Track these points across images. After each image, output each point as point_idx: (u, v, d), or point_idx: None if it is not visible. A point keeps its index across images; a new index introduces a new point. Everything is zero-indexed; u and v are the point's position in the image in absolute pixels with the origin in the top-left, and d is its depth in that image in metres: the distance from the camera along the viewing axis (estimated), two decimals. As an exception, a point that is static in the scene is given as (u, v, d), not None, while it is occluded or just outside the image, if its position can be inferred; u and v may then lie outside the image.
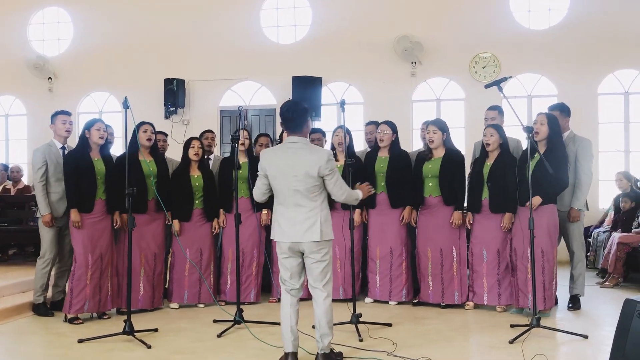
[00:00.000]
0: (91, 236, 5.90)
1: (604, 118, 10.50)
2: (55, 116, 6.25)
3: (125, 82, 11.30)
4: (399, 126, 6.83)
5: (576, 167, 6.16)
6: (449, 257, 6.36)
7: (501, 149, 6.17)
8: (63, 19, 12.27)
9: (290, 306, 4.40)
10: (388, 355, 4.68)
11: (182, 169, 6.60)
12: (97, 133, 5.95)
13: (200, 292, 6.59)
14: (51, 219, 6.04)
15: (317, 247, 4.32)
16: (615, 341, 3.73)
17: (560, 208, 6.09)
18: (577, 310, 6.29)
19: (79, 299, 5.85)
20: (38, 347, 5.30)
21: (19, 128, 12.42)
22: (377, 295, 6.64)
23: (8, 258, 9.11)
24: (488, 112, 6.71)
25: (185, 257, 6.45)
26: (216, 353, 4.89)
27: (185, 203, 6.49)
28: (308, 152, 4.35)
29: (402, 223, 6.56)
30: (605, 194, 10.27)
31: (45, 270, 6.15)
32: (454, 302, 6.37)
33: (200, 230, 6.58)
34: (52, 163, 6.07)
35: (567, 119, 6.40)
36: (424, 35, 10.68)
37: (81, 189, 5.87)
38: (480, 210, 6.21)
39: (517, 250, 5.95)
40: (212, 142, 7.41)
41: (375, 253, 6.63)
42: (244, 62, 11.27)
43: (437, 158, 6.36)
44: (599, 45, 10.27)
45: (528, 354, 4.56)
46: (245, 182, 6.55)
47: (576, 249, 6.34)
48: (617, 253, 7.77)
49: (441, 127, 6.37)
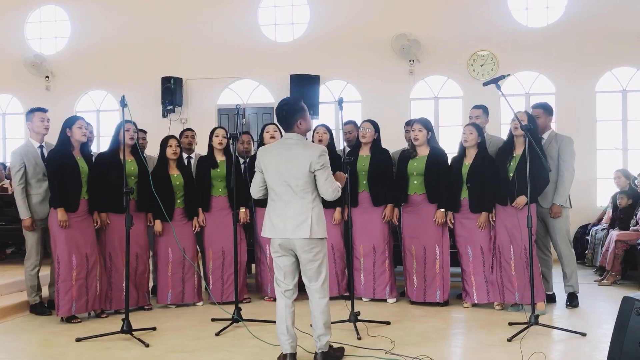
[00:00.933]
0: (75, 236, 5.82)
1: (602, 116, 10.51)
2: (32, 113, 6.12)
3: (122, 80, 11.29)
4: (396, 124, 6.86)
5: (558, 164, 6.23)
6: (432, 255, 6.39)
7: (478, 148, 6.22)
8: (60, 17, 12.24)
9: (286, 308, 4.37)
10: (386, 353, 4.67)
11: (161, 168, 6.49)
12: (79, 131, 5.84)
13: (184, 292, 6.56)
14: (32, 223, 5.98)
15: (309, 245, 4.29)
16: (614, 339, 3.73)
17: (543, 205, 6.21)
18: (575, 307, 6.30)
19: (65, 301, 5.77)
20: (36, 346, 5.28)
21: (16, 127, 12.40)
22: (361, 292, 6.64)
23: (5, 257, 9.11)
24: (472, 111, 6.73)
25: (169, 257, 6.46)
26: (214, 351, 4.88)
27: (167, 203, 6.33)
28: (302, 147, 4.34)
29: (384, 221, 6.58)
30: (604, 191, 10.27)
31: (33, 272, 6.11)
32: (435, 300, 6.39)
33: (182, 229, 6.48)
34: (30, 164, 5.98)
35: (550, 118, 6.50)
36: (422, 33, 10.68)
37: (66, 188, 5.76)
38: (460, 209, 6.26)
39: (501, 248, 6.07)
40: (192, 140, 7.35)
41: (359, 251, 6.64)
42: (242, 61, 11.26)
43: (422, 156, 6.39)
44: (596, 42, 10.27)
45: (526, 351, 4.56)
46: (222, 180, 6.53)
47: (563, 247, 6.36)
48: (615, 251, 7.77)
49: (426, 126, 6.41)
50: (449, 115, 10.99)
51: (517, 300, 6.01)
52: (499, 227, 6.09)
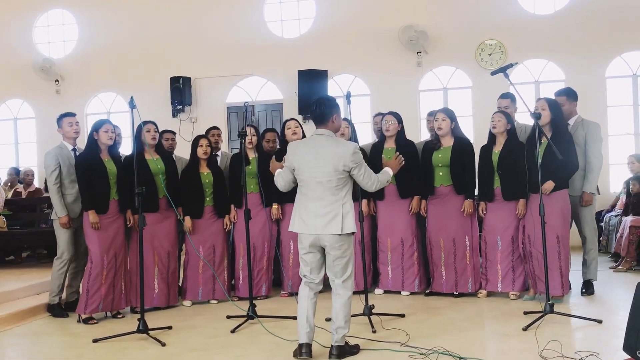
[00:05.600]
0: (107, 237, 5.94)
1: (612, 101, 10.42)
2: (61, 119, 6.29)
3: (131, 82, 11.33)
4: (406, 117, 6.81)
5: (586, 151, 6.14)
6: (462, 246, 6.35)
7: (508, 135, 6.14)
8: (68, 21, 12.32)
9: (308, 298, 4.43)
10: (402, 346, 4.68)
11: (192, 167, 6.62)
12: (106, 135, 5.97)
13: (214, 288, 6.62)
14: (68, 220, 6.08)
15: (339, 241, 4.33)
16: (630, 325, 3.71)
17: (571, 193, 6.07)
18: (591, 295, 6.27)
19: (94, 299, 5.89)
20: (54, 348, 5.33)
21: (27, 131, 12.49)
22: (389, 286, 6.63)
23: (21, 261, 9.18)
24: (501, 101, 6.55)
25: (198, 255, 6.49)
26: (230, 349, 4.90)
27: (197, 200, 6.52)
28: (334, 144, 4.39)
29: (411, 213, 6.55)
30: (616, 177, 10.21)
31: (62, 271, 6.19)
32: (467, 290, 6.36)
33: (212, 227, 6.61)
34: (64, 165, 6.11)
35: (575, 103, 6.36)
36: (429, 24, 10.63)
37: (95, 191, 5.89)
38: (494, 198, 6.19)
39: (531, 237, 5.94)
40: (218, 138, 7.42)
41: (386, 244, 6.62)
42: (249, 58, 11.27)
43: (446, 147, 6.33)
44: (605, 28, 10.18)
45: (542, 340, 4.54)
46: (254, 177, 6.56)
47: (588, 233, 6.31)
48: (629, 237, 7.73)
49: (450, 115, 6.35)
50: (458, 106, 10.91)
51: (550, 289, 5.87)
52: (528, 216, 5.96)
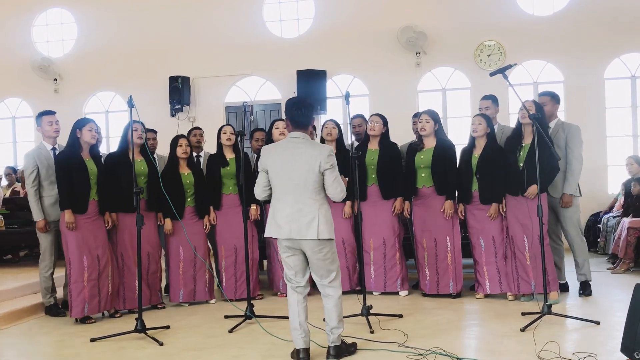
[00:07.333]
0: (86, 237, 5.84)
1: (611, 103, 10.44)
2: (40, 118, 6.14)
3: (130, 81, 11.34)
4: (404, 117, 6.85)
5: (567, 153, 6.21)
6: (443, 247, 6.38)
7: (487, 138, 6.18)
8: (66, 20, 12.32)
9: (298, 303, 4.38)
10: (399, 346, 4.67)
11: (171, 167, 6.51)
12: (89, 134, 5.87)
13: (196, 289, 6.57)
14: (45, 225, 6.01)
15: (318, 246, 4.27)
16: (627, 326, 3.72)
17: (553, 194, 6.19)
18: (588, 296, 6.27)
19: (77, 302, 5.80)
20: (51, 347, 5.32)
21: (26, 130, 12.48)
22: (372, 286, 6.64)
23: (19, 259, 9.17)
24: (482, 102, 6.70)
25: (180, 255, 6.48)
26: (228, 349, 4.89)
27: (177, 201, 6.36)
28: (310, 147, 4.32)
29: (394, 214, 6.58)
30: (614, 179, 10.22)
31: (47, 274, 6.14)
32: (449, 291, 6.37)
33: (193, 227, 6.51)
34: (43, 166, 6.00)
35: (557, 106, 6.50)
36: (428, 24, 10.64)
37: (75, 190, 5.78)
38: (471, 201, 6.24)
39: (515, 239, 6.04)
40: (200, 138, 7.34)
41: (369, 244, 6.64)
42: (248, 58, 11.28)
43: (428, 148, 6.38)
44: (604, 29, 10.19)
45: (540, 341, 4.54)
46: (232, 178, 6.54)
47: (574, 235, 6.34)
48: (627, 238, 7.73)
49: (433, 117, 6.39)
50: (457, 107, 10.95)
51: (534, 290, 5.94)
52: (511, 217, 6.06)
